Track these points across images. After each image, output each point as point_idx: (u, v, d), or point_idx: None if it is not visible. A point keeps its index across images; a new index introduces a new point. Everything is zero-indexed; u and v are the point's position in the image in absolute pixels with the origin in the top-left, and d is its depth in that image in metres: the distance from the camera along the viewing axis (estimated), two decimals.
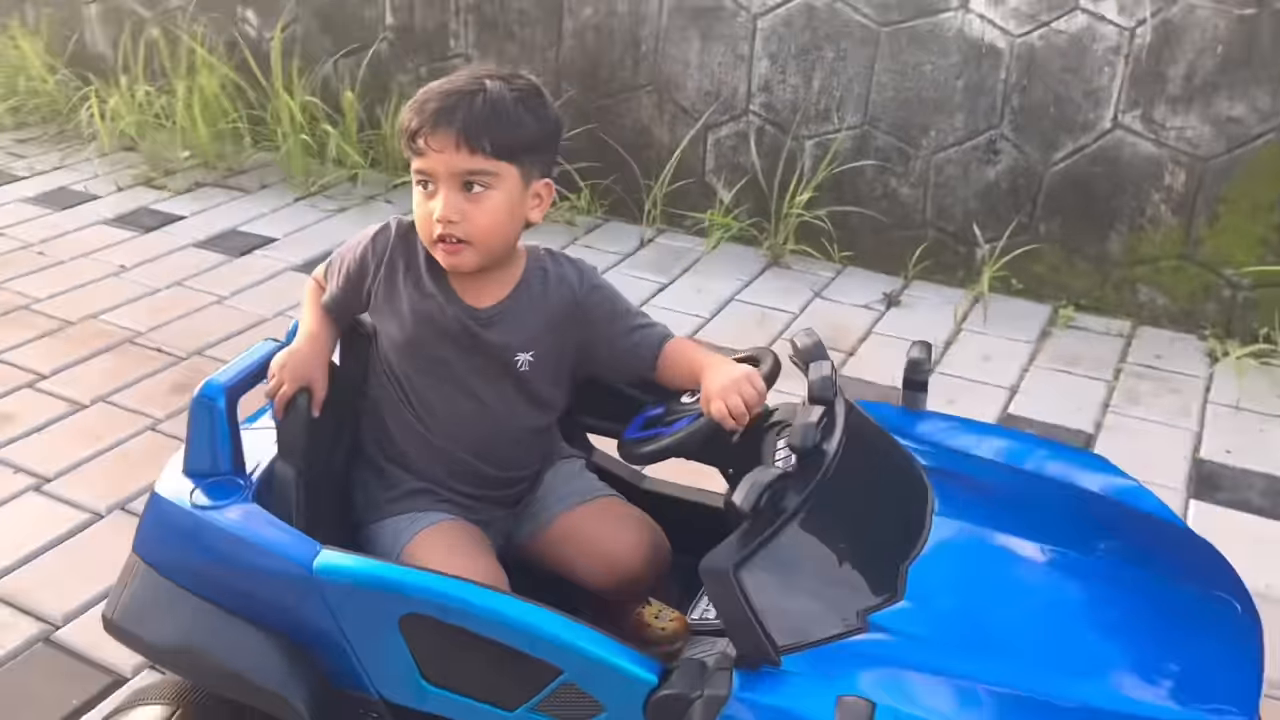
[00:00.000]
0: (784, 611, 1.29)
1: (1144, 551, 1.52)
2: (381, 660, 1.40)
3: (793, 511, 1.34)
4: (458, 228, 1.49)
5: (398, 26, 4.69)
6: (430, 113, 1.47)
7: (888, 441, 1.58)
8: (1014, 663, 1.29)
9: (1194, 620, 1.41)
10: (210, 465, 1.51)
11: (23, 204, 4.51)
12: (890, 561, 1.39)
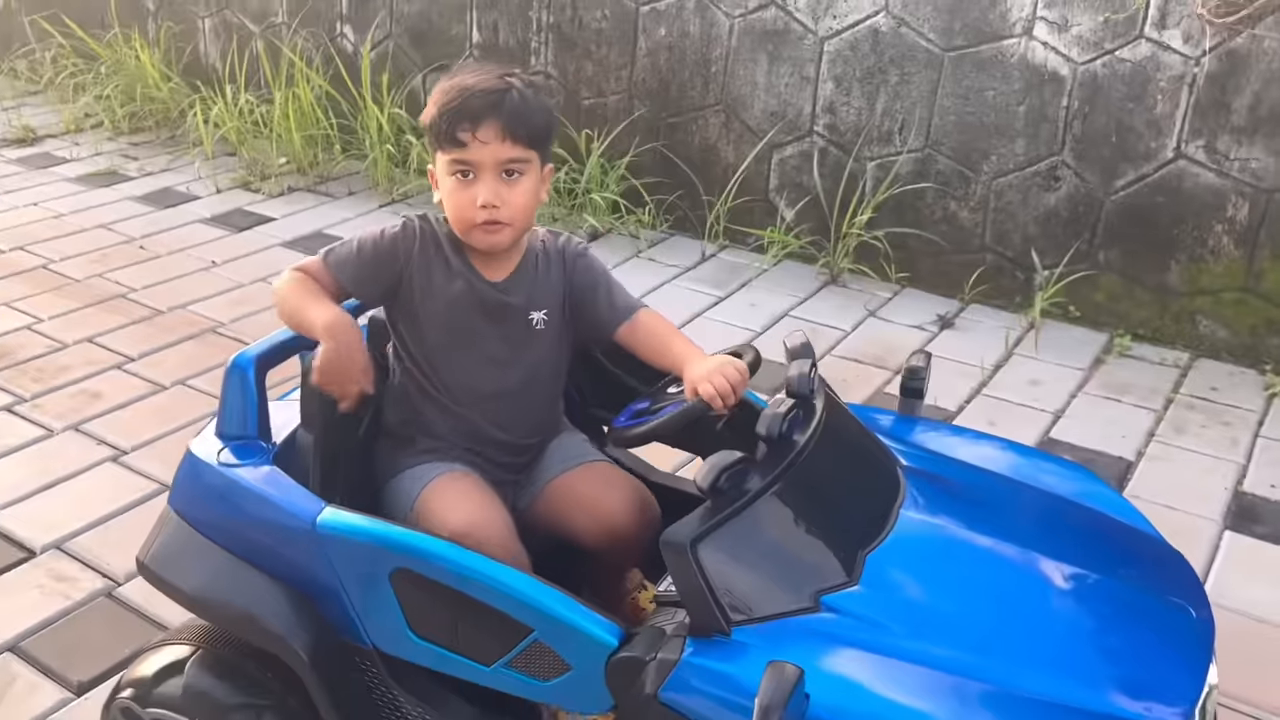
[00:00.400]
0: (738, 586, 1.37)
1: (1106, 555, 1.56)
2: (374, 612, 1.53)
3: (755, 494, 1.42)
4: (500, 211, 1.63)
5: (483, 44, 4.90)
6: (475, 109, 1.60)
7: (866, 438, 1.65)
8: (958, 649, 1.35)
9: (1144, 620, 1.45)
10: (238, 428, 1.66)
11: (130, 202, 4.84)
12: (850, 549, 1.46)
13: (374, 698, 1.58)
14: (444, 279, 1.71)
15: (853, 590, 1.42)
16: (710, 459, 1.39)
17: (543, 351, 1.76)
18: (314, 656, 1.53)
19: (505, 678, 1.47)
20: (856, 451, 1.61)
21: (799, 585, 1.40)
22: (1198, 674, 1.37)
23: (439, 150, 1.66)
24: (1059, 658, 1.36)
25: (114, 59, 5.88)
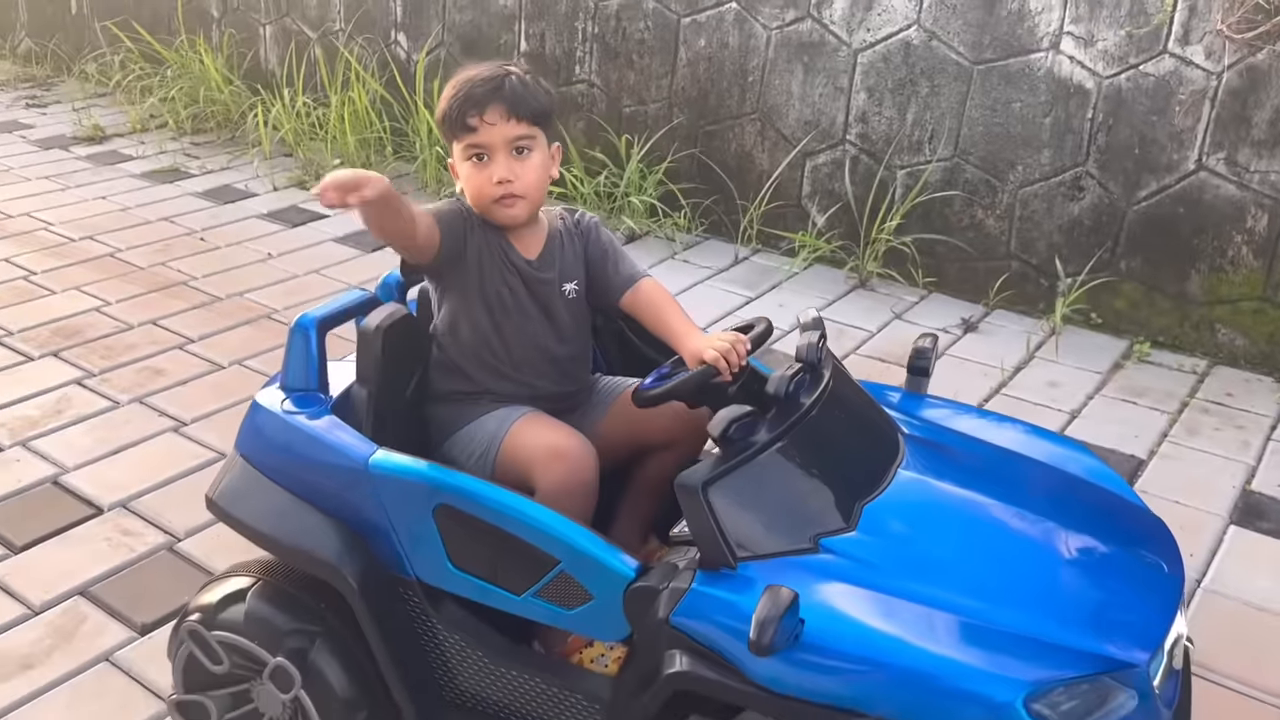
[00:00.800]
0: (744, 526, 1.52)
1: (1087, 515, 1.69)
2: (418, 546, 1.69)
3: (762, 445, 1.57)
4: (514, 185, 1.81)
5: (530, 53, 5.10)
6: (481, 94, 1.78)
7: (869, 405, 1.80)
8: (942, 589, 1.49)
9: (1117, 572, 1.58)
10: (300, 382, 1.84)
11: (192, 197, 5.08)
12: (849, 499, 1.60)
13: (415, 626, 1.74)
14: (490, 257, 1.88)
15: (849, 535, 1.56)
16: (721, 411, 1.55)
17: (578, 316, 1.94)
18: (363, 586, 1.69)
19: (534, 606, 1.63)
20: (859, 415, 1.75)
21: (800, 528, 1.55)
22: (1164, 620, 1.50)
23: (454, 140, 1.84)
24: (1036, 599, 1.49)
25: (179, 63, 6.16)
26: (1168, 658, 1.53)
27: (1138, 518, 1.75)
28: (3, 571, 2.53)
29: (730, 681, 1.44)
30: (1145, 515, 1.76)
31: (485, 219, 1.88)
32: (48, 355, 3.53)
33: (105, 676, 2.24)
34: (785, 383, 1.61)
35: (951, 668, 1.38)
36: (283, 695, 1.76)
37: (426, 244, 1.81)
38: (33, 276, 4.13)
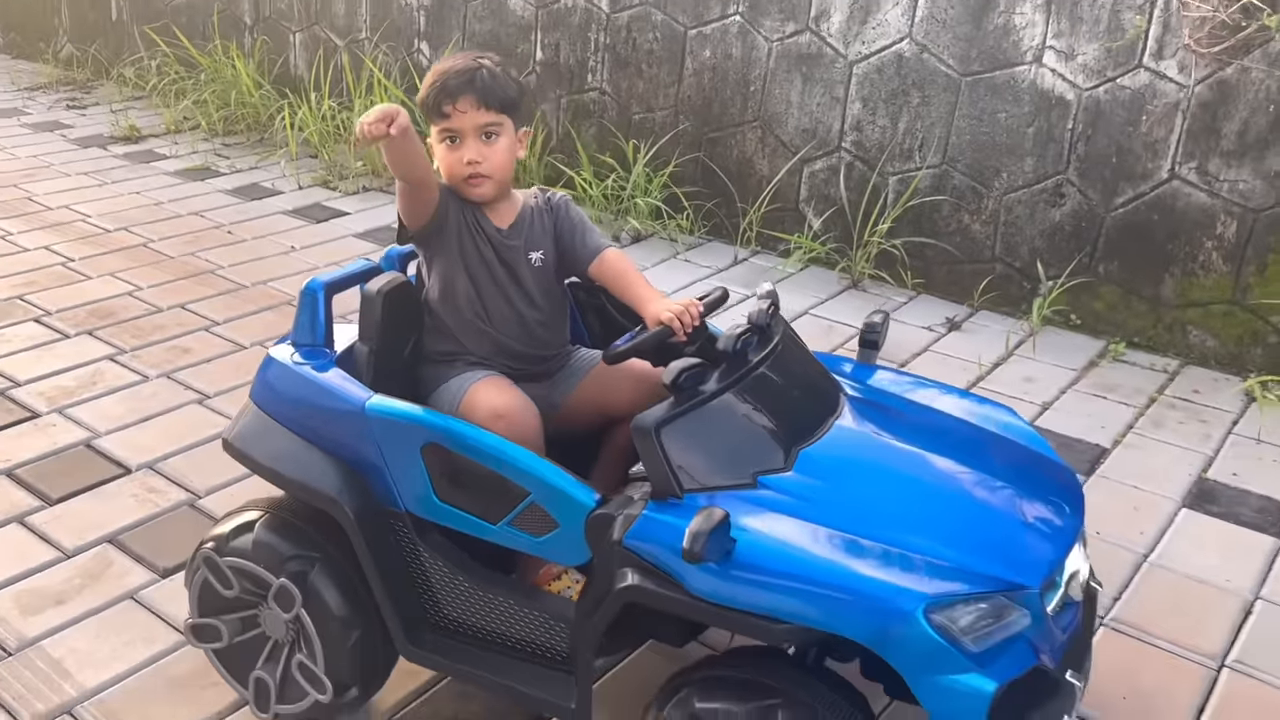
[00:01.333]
0: (691, 463, 1.73)
1: (1001, 464, 1.88)
2: (408, 481, 1.90)
3: (710, 394, 1.78)
4: (482, 166, 2.04)
5: (545, 61, 5.35)
6: (454, 85, 2.01)
7: (814, 366, 2.00)
8: (862, 519, 1.69)
9: (1020, 512, 1.77)
10: (308, 338, 2.06)
11: (221, 194, 5.35)
12: (787, 444, 1.81)
13: (404, 555, 1.95)
14: (466, 226, 2.10)
15: (785, 474, 1.76)
16: (674, 362, 1.75)
17: (544, 284, 2.15)
18: (359, 517, 1.91)
19: (507, 534, 1.84)
20: (802, 374, 1.96)
21: (741, 466, 1.75)
22: (1057, 552, 1.69)
23: (431, 124, 2.06)
24: (943, 530, 1.69)
25: (213, 68, 6.45)
26: (1064, 588, 1.72)
27: (1046, 468, 1.93)
28: (39, 520, 2.76)
29: (673, 594, 1.65)
30: (1054, 466, 1.95)
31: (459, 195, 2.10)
32: (83, 333, 3.78)
33: (129, 611, 2.46)
34: (734, 341, 1.82)
35: (862, 583, 1.58)
36: (285, 615, 1.97)
37: (431, 197, 2.03)
38: (70, 263, 4.39)
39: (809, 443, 1.82)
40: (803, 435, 1.83)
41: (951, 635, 1.56)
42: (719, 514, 1.55)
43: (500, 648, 1.93)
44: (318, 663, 1.99)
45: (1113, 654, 2.44)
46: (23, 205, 5.06)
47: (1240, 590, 2.68)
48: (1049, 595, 1.69)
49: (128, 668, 2.29)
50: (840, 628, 1.57)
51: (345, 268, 2.18)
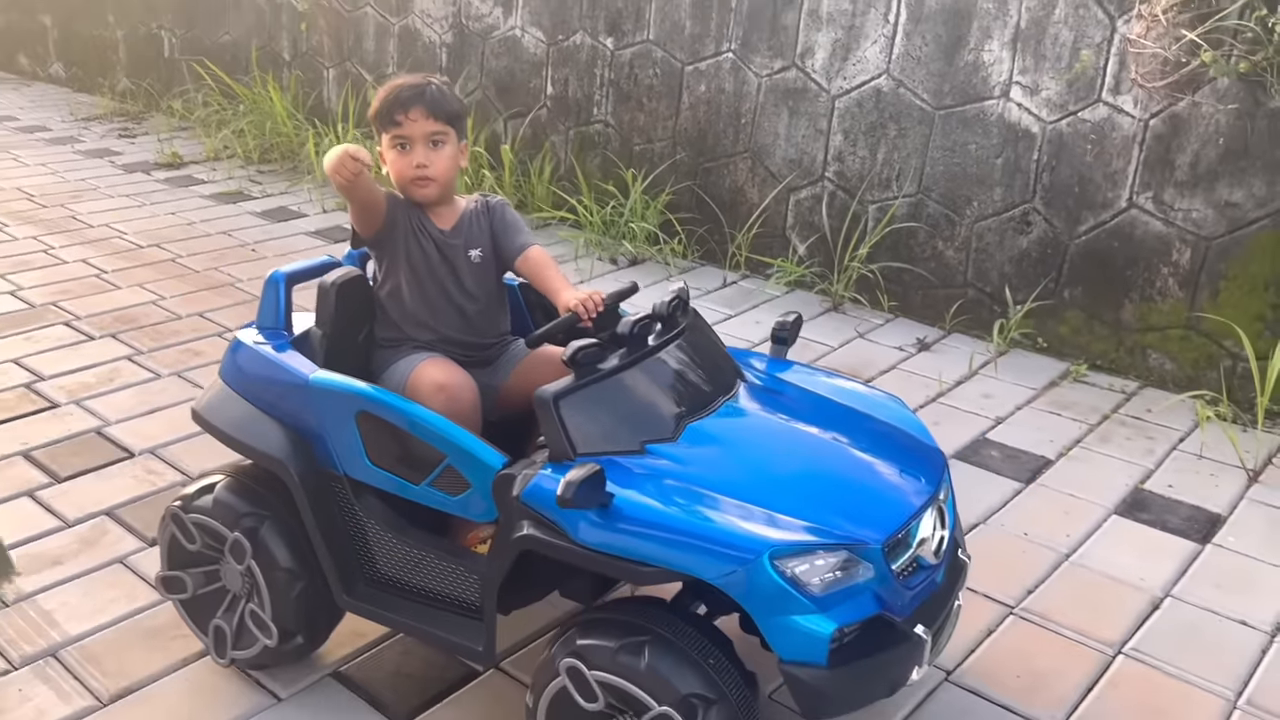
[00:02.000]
0: (585, 430, 1.95)
1: (871, 441, 2.08)
2: (344, 445, 2.14)
3: (607, 372, 2.00)
4: (428, 170, 2.29)
5: (555, 96, 5.65)
6: (407, 97, 2.27)
7: (717, 353, 2.22)
8: (733, 483, 1.89)
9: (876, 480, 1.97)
10: (270, 323, 2.33)
11: (251, 215, 5.70)
12: (677, 418, 2.02)
13: (341, 513, 2.19)
14: (413, 228, 2.36)
15: (670, 444, 1.98)
16: (572, 342, 1.99)
17: (483, 278, 2.40)
18: (303, 478, 2.16)
19: (428, 494, 2.07)
20: (702, 359, 2.18)
21: (632, 435, 1.97)
22: (901, 516, 1.89)
23: (384, 132, 2.31)
24: (801, 493, 1.89)
25: (251, 100, 6.86)
26: (913, 550, 1.91)
27: (912, 446, 2.13)
28: (47, 495, 3.05)
29: (560, 542, 1.86)
30: (922, 446, 2.14)
31: (407, 199, 2.36)
32: (107, 336, 4.11)
33: (117, 573, 2.73)
34: (631, 325, 2.05)
35: (718, 532, 1.78)
36: (238, 566, 2.22)
37: (380, 210, 2.30)
38: (103, 274, 4.75)
39: (698, 418, 2.04)
40: (693, 411, 2.05)
41: (795, 580, 1.76)
42: (593, 468, 1.77)
43: (424, 599, 2.16)
44: (266, 611, 2.23)
45: (1015, 639, 2.60)
46: (66, 223, 5.45)
47: (1151, 588, 2.83)
48: (897, 554, 1.89)
49: (109, 619, 2.55)
50: (698, 571, 1.78)
51: (307, 261, 2.45)
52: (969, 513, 3.12)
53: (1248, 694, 2.45)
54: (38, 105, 8.24)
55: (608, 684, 1.84)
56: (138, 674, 2.37)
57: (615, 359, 2.04)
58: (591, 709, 1.88)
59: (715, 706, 1.79)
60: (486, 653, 2.04)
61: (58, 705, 2.28)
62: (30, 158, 6.67)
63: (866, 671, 1.82)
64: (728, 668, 1.84)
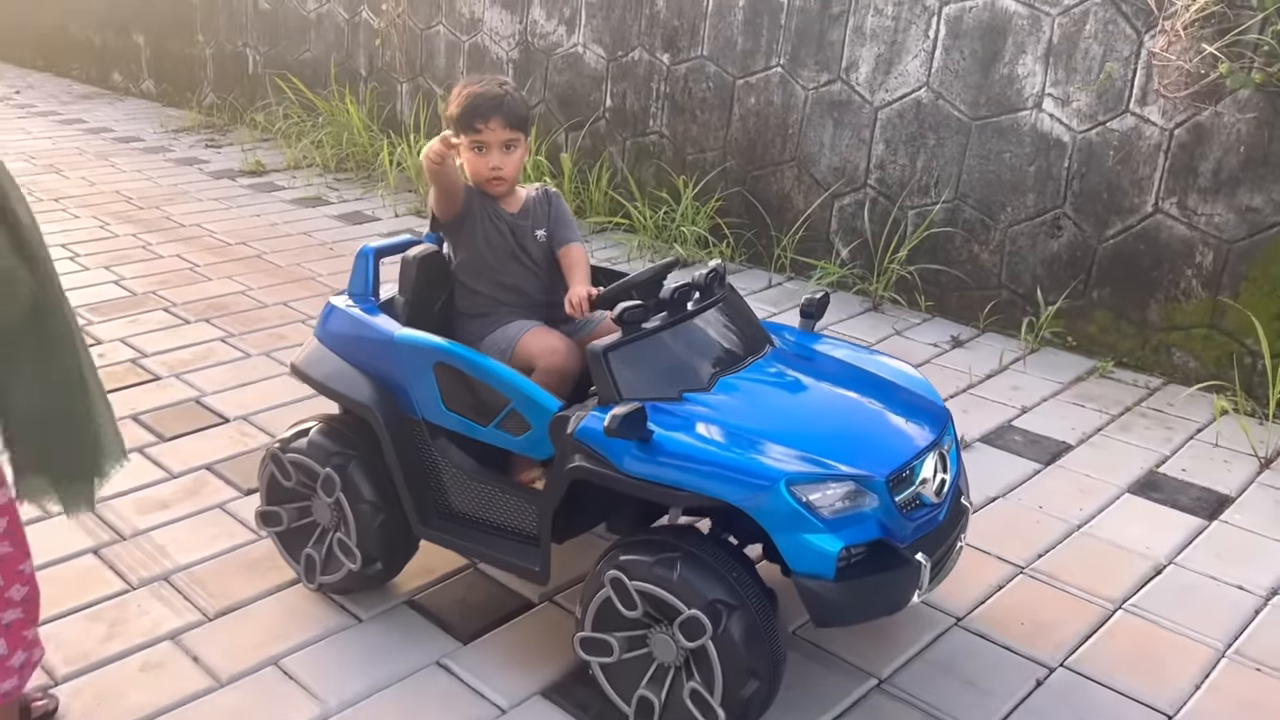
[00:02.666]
0: (630, 379, 2.25)
1: (882, 398, 2.36)
2: (423, 393, 2.46)
3: (650, 330, 2.30)
4: (502, 171, 2.61)
5: (613, 108, 5.99)
6: (487, 108, 2.56)
7: (749, 320, 2.51)
8: (755, 425, 2.18)
9: (883, 429, 2.25)
10: (360, 289, 2.67)
11: (328, 219, 6.11)
12: (712, 372, 2.32)
13: (419, 453, 2.51)
14: (487, 214, 2.68)
15: (705, 393, 2.27)
16: (621, 303, 2.29)
17: (546, 253, 2.72)
18: (387, 422, 2.48)
19: (495, 434, 2.38)
20: (736, 325, 2.47)
21: (671, 385, 2.27)
22: (903, 456, 2.17)
23: (463, 133, 2.60)
24: (818, 435, 2.17)
25: (330, 112, 7.31)
26: (915, 488, 2.18)
27: (921, 403, 2.40)
28: (154, 451, 3.42)
29: (607, 471, 2.16)
30: (930, 403, 2.41)
31: (480, 190, 2.68)
32: (201, 321, 4.51)
33: (218, 516, 3.08)
34: (671, 292, 2.35)
35: (742, 463, 2.07)
36: (328, 499, 2.56)
37: (459, 197, 2.63)
38: (196, 268, 5.17)
39: (729, 373, 2.33)
40: (726, 367, 2.34)
41: (807, 505, 2.04)
42: (636, 406, 2.07)
43: (488, 529, 2.47)
44: (351, 539, 2.55)
45: (1022, 594, 2.84)
46: (162, 223, 5.90)
47: (1155, 556, 3.05)
48: (901, 489, 2.16)
49: (212, 553, 2.89)
50: (725, 495, 2.06)
51: (393, 239, 2.79)
52: (989, 488, 3.36)
53: (1237, 646, 2.66)
54: (131, 118, 8.79)
55: (645, 593, 2.13)
56: (238, 596, 2.71)
57: (658, 320, 2.34)
58: (631, 616, 2.17)
59: (737, 612, 2.07)
60: (543, 572, 2.35)
61: (171, 618, 2.62)
62: (127, 165, 7.17)
63: (869, 588, 2.09)
64: (749, 582, 2.12)
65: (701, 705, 2.12)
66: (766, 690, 2.13)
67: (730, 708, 2.10)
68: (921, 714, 2.38)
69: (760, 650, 2.09)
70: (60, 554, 2.84)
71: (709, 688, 2.10)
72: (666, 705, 2.18)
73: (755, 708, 2.13)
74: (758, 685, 2.10)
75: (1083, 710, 2.41)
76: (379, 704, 2.37)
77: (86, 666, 2.44)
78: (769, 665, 2.11)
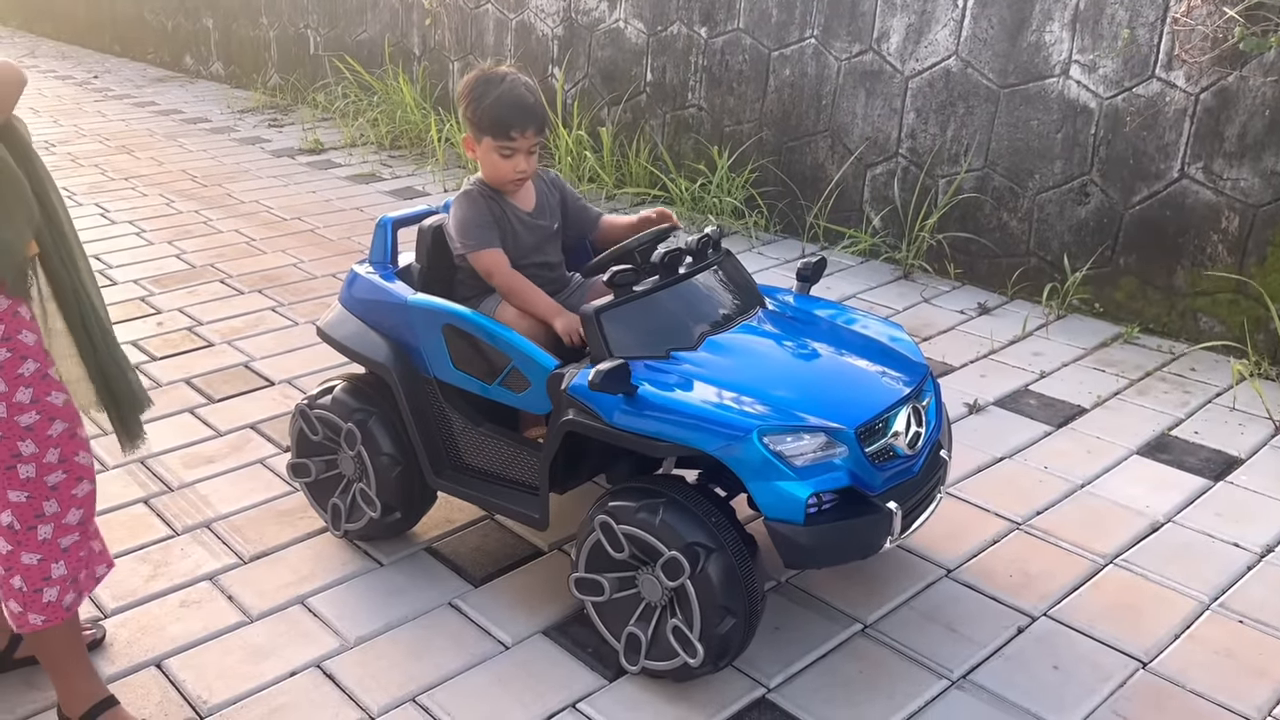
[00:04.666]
0: (620, 339, 2.39)
1: (865, 354, 2.47)
2: (433, 353, 2.63)
3: (641, 293, 2.44)
4: (526, 173, 2.73)
5: (653, 82, 6.11)
6: (522, 119, 2.64)
7: (742, 283, 2.64)
8: (735, 381, 2.30)
9: (859, 384, 2.36)
10: (379, 258, 2.85)
11: (381, 194, 6.34)
12: (699, 332, 2.45)
13: (432, 409, 2.69)
14: (505, 216, 2.80)
15: (691, 352, 2.41)
16: (613, 266, 2.43)
17: (558, 244, 2.88)
18: (402, 379, 2.67)
19: (498, 391, 2.55)
20: (729, 288, 2.60)
21: (659, 344, 2.41)
22: (874, 409, 2.28)
23: (489, 136, 2.67)
24: (795, 390, 2.29)
25: (384, 91, 7.54)
26: (888, 439, 2.30)
27: (900, 360, 2.50)
28: (203, 412, 3.67)
29: (597, 424, 2.31)
30: (910, 361, 2.51)
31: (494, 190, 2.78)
32: (254, 291, 4.76)
33: (258, 471, 3.31)
34: (663, 256, 2.49)
35: (718, 415, 2.20)
36: (350, 452, 2.75)
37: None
38: (252, 241, 5.43)
39: (717, 333, 2.46)
40: (714, 328, 2.48)
41: (779, 454, 2.17)
42: (620, 362, 2.22)
43: (494, 479, 2.65)
44: (372, 489, 2.75)
45: (1015, 548, 2.93)
46: (223, 199, 6.18)
47: (1154, 514, 3.10)
48: (872, 441, 2.27)
49: (251, 503, 3.12)
50: (702, 445, 2.20)
51: (410, 210, 2.97)
52: (997, 450, 3.44)
53: (1223, 599, 2.73)
54: (200, 100, 9.15)
55: (631, 535, 2.28)
56: (271, 542, 2.93)
57: (649, 283, 2.48)
58: (618, 558, 2.33)
59: (714, 554, 2.21)
60: (542, 519, 2.51)
61: (210, 561, 2.85)
62: (193, 145, 7.50)
63: (838, 533, 2.21)
64: (728, 527, 2.26)
65: (683, 641, 2.27)
66: (744, 628, 2.27)
67: (708, 643, 2.24)
68: (899, 656, 2.50)
69: (737, 590, 2.23)
70: (114, 503, 3.09)
71: (689, 625, 2.25)
72: (653, 641, 2.33)
73: (733, 644, 2.27)
74: (734, 622, 2.24)
75: (1059, 656, 2.51)
76: (393, 639, 2.56)
77: (132, 602, 2.68)
78: (745, 604, 2.25)
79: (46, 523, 2.08)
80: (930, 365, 3.99)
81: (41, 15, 13.05)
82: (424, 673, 2.44)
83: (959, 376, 3.98)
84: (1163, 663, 2.50)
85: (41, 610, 2.11)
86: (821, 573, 2.78)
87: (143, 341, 4.21)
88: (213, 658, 2.49)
